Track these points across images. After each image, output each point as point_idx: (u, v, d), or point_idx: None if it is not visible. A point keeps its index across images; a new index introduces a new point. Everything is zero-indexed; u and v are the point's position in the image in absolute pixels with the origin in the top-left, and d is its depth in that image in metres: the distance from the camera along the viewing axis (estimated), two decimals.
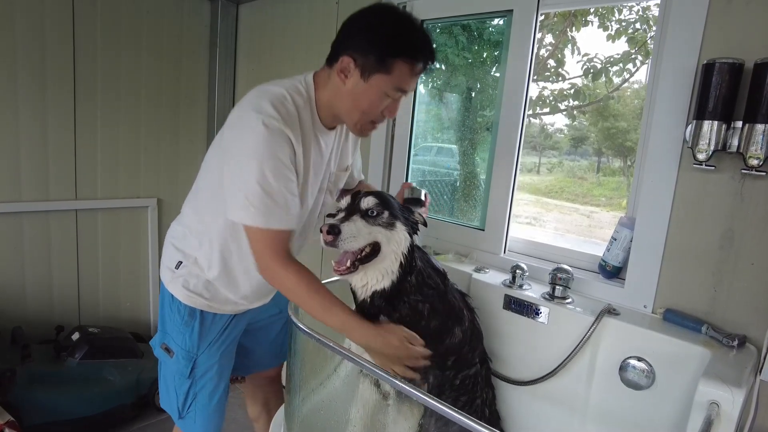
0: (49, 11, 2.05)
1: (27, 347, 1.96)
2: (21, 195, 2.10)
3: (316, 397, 1.18)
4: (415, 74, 1.06)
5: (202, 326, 1.23)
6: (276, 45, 2.38)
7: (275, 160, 1.01)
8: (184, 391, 1.25)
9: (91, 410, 1.98)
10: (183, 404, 1.26)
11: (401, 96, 1.08)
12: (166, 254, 1.27)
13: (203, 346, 1.24)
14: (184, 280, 1.21)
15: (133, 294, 2.55)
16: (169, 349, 1.25)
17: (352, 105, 1.07)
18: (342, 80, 1.05)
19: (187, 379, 1.24)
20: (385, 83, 1.03)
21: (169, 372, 1.27)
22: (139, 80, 2.38)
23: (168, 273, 1.24)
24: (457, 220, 1.85)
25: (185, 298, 1.21)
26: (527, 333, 1.35)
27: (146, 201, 2.50)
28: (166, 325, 1.26)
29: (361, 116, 1.08)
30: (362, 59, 1.02)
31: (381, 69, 1.02)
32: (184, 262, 1.22)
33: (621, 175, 5.44)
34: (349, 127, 1.15)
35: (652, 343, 1.17)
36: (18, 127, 2.05)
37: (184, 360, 1.23)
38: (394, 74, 1.03)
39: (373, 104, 1.06)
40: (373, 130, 1.14)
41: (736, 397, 0.87)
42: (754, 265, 1.14)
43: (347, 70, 1.04)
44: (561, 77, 3.45)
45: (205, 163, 1.20)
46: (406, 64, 1.03)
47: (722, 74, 1.07)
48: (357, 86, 1.04)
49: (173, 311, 1.23)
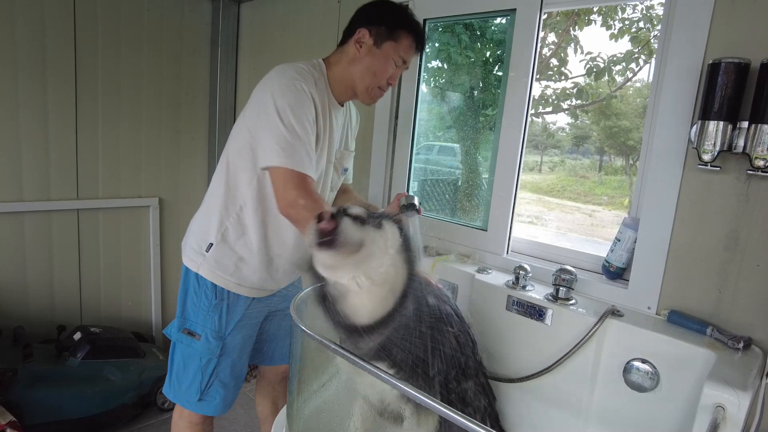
0: (50, 10, 2.04)
1: (29, 347, 1.96)
2: (23, 195, 2.10)
3: (319, 399, 1.18)
4: (414, 48, 1.30)
5: (228, 309, 1.33)
6: (278, 44, 2.38)
7: (300, 112, 1.16)
8: (210, 370, 1.34)
9: (92, 410, 1.98)
10: (207, 384, 1.34)
11: (403, 66, 1.31)
12: (194, 241, 1.35)
13: (230, 326, 1.34)
14: (216, 261, 1.31)
15: (135, 293, 2.55)
16: (193, 332, 1.34)
17: (366, 69, 1.27)
18: (357, 49, 1.28)
19: (215, 358, 1.34)
20: (394, 50, 1.27)
21: (192, 354, 1.34)
22: (141, 79, 2.38)
23: (197, 257, 1.33)
24: (460, 221, 1.84)
25: (216, 279, 1.31)
26: (530, 334, 1.34)
27: (148, 200, 2.49)
28: (188, 311, 1.35)
29: (372, 79, 1.28)
30: (376, 29, 1.26)
31: (391, 37, 1.26)
32: (215, 244, 1.31)
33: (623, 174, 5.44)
34: (360, 95, 1.33)
35: (656, 345, 1.16)
36: (19, 127, 2.04)
37: (215, 340, 1.33)
38: (400, 43, 1.27)
39: (383, 68, 1.28)
40: (380, 97, 1.34)
41: (742, 401, 0.87)
42: (759, 267, 1.13)
43: (363, 39, 1.27)
44: (564, 76, 3.44)
45: (233, 133, 1.32)
46: (410, 35, 1.28)
47: (728, 74, 1.06)
48: (371, 52, 1.27)
49: (200, 296, 1.33)
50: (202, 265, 1.32)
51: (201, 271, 1.32)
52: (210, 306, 1.32)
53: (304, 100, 1.18)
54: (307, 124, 1.17)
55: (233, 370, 1.38)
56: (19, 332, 2.03)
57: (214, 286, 1.32)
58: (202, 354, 1.33)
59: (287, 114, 1.14)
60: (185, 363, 1.36)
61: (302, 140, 1.15)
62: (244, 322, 1.37)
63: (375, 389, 1.06)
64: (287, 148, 1.13)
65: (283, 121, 1.14)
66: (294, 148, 1.13)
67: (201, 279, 1.32)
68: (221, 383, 1.36)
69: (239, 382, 1.41)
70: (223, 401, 1.37)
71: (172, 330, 1.38)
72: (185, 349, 1.36)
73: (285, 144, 1.13)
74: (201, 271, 1.32)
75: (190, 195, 2.67)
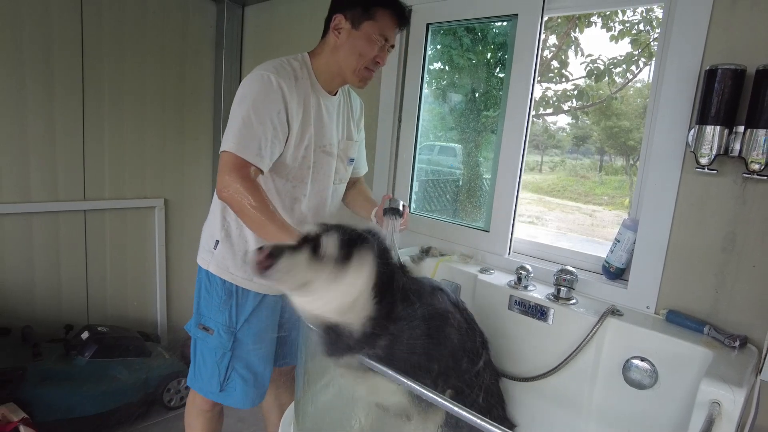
0: (57, 15, 2.07)
1: (37, 345, 1.99)
2: (31, 196, 2.12)
3: (327, 394, 1.21)
4: (394, 24, 1.30)
5: (238, 304, 1.38)
6: (282, 46, 2.40)
7: (262, 106, 1.20)
8: (226, 364, 1.39)
9: (100, 408, 2.01)
10: (225, 377, 1.39)
11: (386, 45, 1.31)
12: (204, 239, 1.42)
13: (240, 321, 1.38)
14: (223, 257, 1.36)
15: (140, 293, 2.58)
16: (207, 327, 1.39)
17: (349, 52, 1.28)
18: (336, 36, 1.29)
19: (228, 352, 1.38)
20: (372, 29, 1.26)
21: (209, 348, 1.40)
22: (145, 82, 2.40)
23: (207, 255, 1.39)
24: (462, 222, 1.87)
25: (224, 274, 1.36)
26: (532, 333, 1.37)
27: (153, 201, 2.52)
28: (201, 307, 1.41)
29: (357, 61, 1.28)
30: (351, 12, 1.26)
31: (367, 16, 1.26)
32: (221, 241, 1.36)
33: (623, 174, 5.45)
34: (349, 79, 1.33)
35: (654, 344, 1.19)
36: (27, 130, 2.07)
37: (225, 335, 1.37)
38: (378, 20, 1.26)
39: (365, 48, 1.27)
40: (370, 78, 1.34)
41: (737, 397, 0.89)
42: (755, 268, 1.16)
43: (340, 25, 1.28)
44: (564, 78, 3.47)
45: None
46: (386, 11, 1.27)
47: (725, 80, 1.09)
48: (350, 35, 1.27)
49: (211, 293, 1.38)
50: (211, 263, 1.37)
51: (211, 268, 1.37)
52: (221, 302, 1.37)
53: (269, 91, 1.21)
54: (267, 117, 1.20)
55: (249, 364, 1.41)
56: (27, 331, 2.06)
57: (223, 282, 1.36)
58: (216, 348, 1.38)
59: (247, 104, 1.20)
60: (204, 357, 1.41)
61: (255, 130, 1.18)
62: (255, 318, 1.40)
63: (378, 391, 1.07)
64: (237, 134, 1.18)
65: (242, 111, 1.19)
66: (242, 135, 1.18)
67: (211, 276, 1.37)
68: (240, 377, 1.40)
69: (261, 379, 1.43)
70: (245, 395, 1.40)
71: (191, 326, 1.44)
72: (202, 343, 1.41)
73: (237, 131, 1.18)
74: (211, 268, 1.37)
75: (194, 196, 2.70)
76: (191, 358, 1.45)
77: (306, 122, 1.30)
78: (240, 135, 1.18)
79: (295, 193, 1.35)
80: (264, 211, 1.13)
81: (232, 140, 1.18)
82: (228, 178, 1.17)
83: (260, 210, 1.13)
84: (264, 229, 1.14)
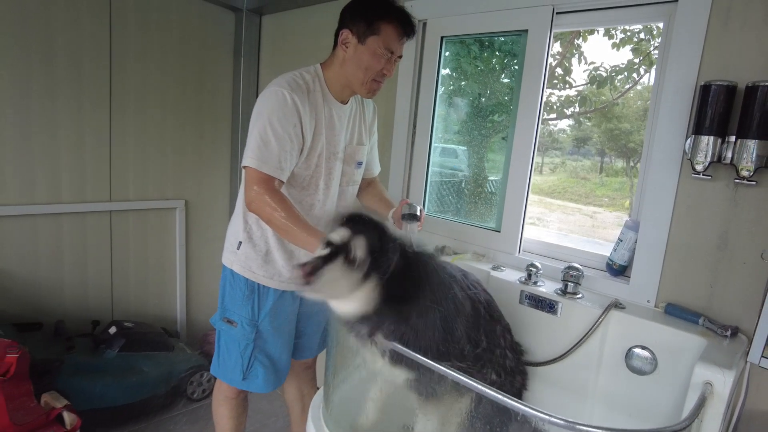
0: (88, 27, 2.19)
1: (70, 339, 2.10)
2: (61, 197, 2.23)
3: (352, 381, 1.31)
4: (399, 36, 1.34)
5: (259, 299, 1.47)
6: (298, 55, 2.50)
7: (278, 122, 1.28)
8: (249, 354, 1.48)
9: (128, 398, 2.11)
10: (248, 365, 1.49)
11: (393, 57, 1.36)
12: (228, 240, 1.52)
13: (262, 315, 1.48)
14: (246, 257, 1.46)
15: (161, 290, 2.68)
16: (231, 320, 1.49)
17: (357, 66, 1.35)
18: (344, 50, 1.36)
19: (251, 344, 1.48)
20: (377, 43, 1.32)
21: (232, 340, 1.50)
22: (167, 89, 2.51)
23: (231, 255, 1.49)
24: (475, 222, 1.98)
25: (247, 273, 1.46)
26: (541, 325, 1.47)
27: (174, 202, 2.63)
28: (226, 302, 1.51)
29: (365, 74, 1.35)
30: (356, 28, 1.33)
31: (371, 32, 1.32)
32: (243, 242, 1.46)
33: (624, 176, 5.52)
34: (358, 91, 1.41)
35: (654, 334, 1.29)
36: (59, 136, 2.19)
37: (249, 327, 1.47)
38: (382, 35, 1.32)
39: (372, 62, 1.34)
40: (378, 89, 1.41)
41: (727, 378, 1.00)
42: (745, 264, 1.27)
43: (347, 40, 1.35)
44: (568, 85, 3.57)
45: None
46: (390, 25, 1.32)
47: (718, 95, 1.20)
48: (357, 50, 1.34)
49: (235, 289, 1.48)
50: (235, 262, 1.47)
51: (234, 267, 1.48)
52: (243, 297, 1.47)
53: (286, 108, 1.29)
54: (283, 131, 1.28)
55: (270, 353, 1.51)
56: (60, 326, 2.16)
57: (246, 280, 1.46)
58: (239, 340, 1.48)
59: (264, 121, 1.28)
60: (228, 348, 1.51)
61: (272, 146, 1.27)
62: (275, 312, 1.49)
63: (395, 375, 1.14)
64: (257, 151, 1.27)
65: (259, 127, 1.28)
66: (262, 152, 1.27)
67: (235, 274, 1.48)
68: (261, 364, 1.50)
69: (280, 366, 1.54)
70: (265, 381, 1.51)
71: (216, 319, 1.53)
72: (226, 335, 1.51)
73: (256, 148, 1.27)
74: (234, 267, 1.48)
75: (213, 197, 2.81)
76: (215, 348, 1.56)
77: (318, 132, 1.38)
78: (260, 151, 1.27)
79: (310, 200, 1.45)
80: (292, 218, 1.24)
81: (254, 156, 1.27)
82: (255, 193, 1.28)
83: (288, 219, 1.24)
84: (294, 235, 1.25)
